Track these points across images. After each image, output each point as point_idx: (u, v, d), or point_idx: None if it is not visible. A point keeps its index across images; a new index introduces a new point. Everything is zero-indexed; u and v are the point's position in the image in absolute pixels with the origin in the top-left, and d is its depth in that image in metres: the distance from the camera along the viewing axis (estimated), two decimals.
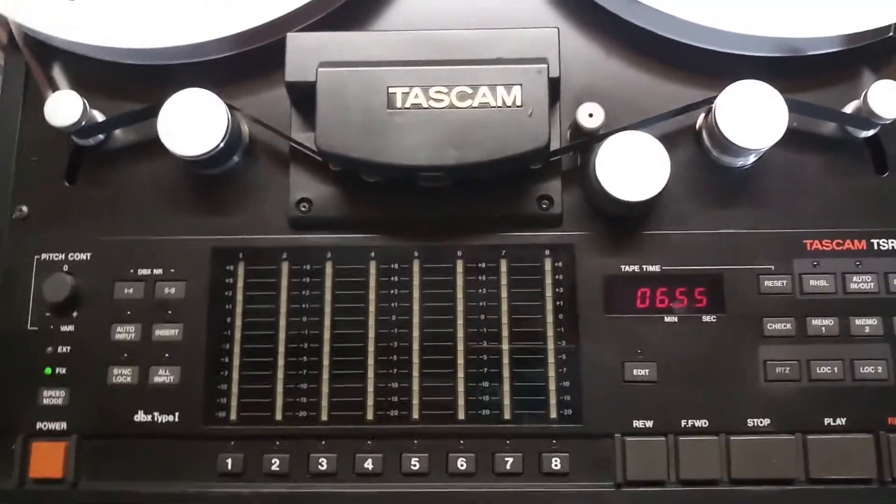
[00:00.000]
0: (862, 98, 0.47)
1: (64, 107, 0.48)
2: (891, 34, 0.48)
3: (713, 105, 0.46)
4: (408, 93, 0.45)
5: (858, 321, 0.46)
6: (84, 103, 0.48)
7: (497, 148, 0.44)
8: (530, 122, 0.44)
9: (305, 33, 0.48)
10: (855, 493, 0.45)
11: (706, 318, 0.46)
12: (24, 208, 0.50)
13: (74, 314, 0.48)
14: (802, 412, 0.45)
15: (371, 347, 0.47)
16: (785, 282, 0.47)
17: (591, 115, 0.46)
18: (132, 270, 0.48)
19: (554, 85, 0.46)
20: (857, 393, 0.45)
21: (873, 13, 0.47)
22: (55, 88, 0.50)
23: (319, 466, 0.46)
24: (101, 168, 0.50)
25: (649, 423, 0.45)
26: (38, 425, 0.47)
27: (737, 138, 0.45)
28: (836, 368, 0.46)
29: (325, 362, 0.47)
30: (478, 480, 0.46)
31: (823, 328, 0.46)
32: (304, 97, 0.46)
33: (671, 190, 0.47)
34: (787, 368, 0.46)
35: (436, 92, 0.45)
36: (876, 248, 0.47)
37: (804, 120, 0.48)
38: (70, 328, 0.48)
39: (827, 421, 0.45)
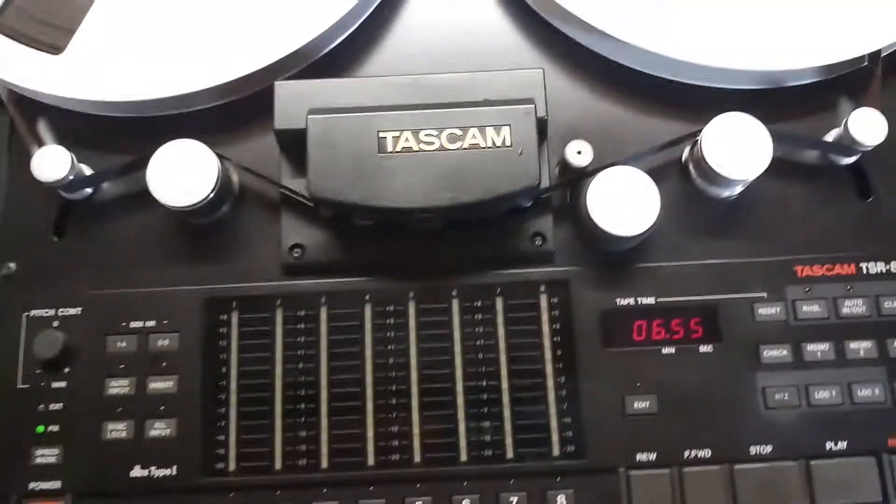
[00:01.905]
0: (843, 126, 0.50)
1: (51, 161, 0.49)
2: (865, 63, 0.51)
3: (699, 138, 0.49)
4: (398, 136, 0.47)
5: (853, 345, 0.48)
6: (72, 158, 0.49)
7: (489, 187, 0.46)
8: (520, 161, 0.47)
9: (293, 81, 0.50)
10: None
11: (703, 349, 0.49)
12: (12, 265, 0.51)
13: (66, 370, 0.49)
14: (804, 437, 0.47)
15: (369, 391, 0.48)
16: (778, 309, 0.49)
17: (579, 153, 0.49)
18: (124, 323, 0.50)
19: (542, 124, 0.48)
20: (856, 416, 0.48)
21: (848, 44, 0.50)
22: (41, 144, 0.52)
23: None
24: (90, 222, 0.52)
25: (652, 456, 0.47)
26: (32, 485, 0.47)
27: (723, 169, 0.48)
28: (834, 392, 0.48)
29: (324, 408, 0.48)
30: None
31: (819, 353, 0.48)
32: (293, 144, 0.49)
33: (661, 223, 0.50)
34: (786, 394, 0.48)
35: (426, 135, 0.47)
36: (865, 271, 0.50)
37: (787, 150, 0.51)
38: (62, 384, 0.49)
39: (829, 445, 0.47)
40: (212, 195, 0.48)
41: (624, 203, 0.47)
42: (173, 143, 0.48)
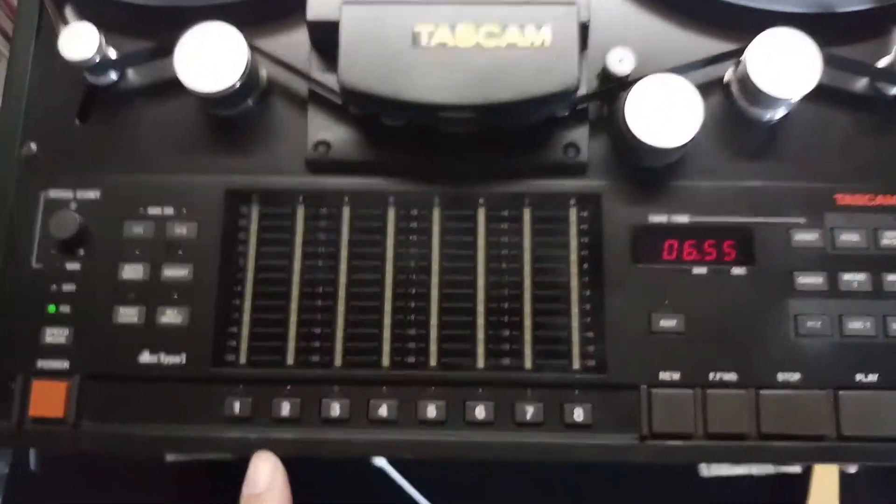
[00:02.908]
0: (894, 53, 0.48)
1: (79, 39, 0.49)
2: None
3: (745, 55, 0.47)
4: (433, 31, 0.46)
5: (891, 277, 0.47)
6: (100, 37, 0.49)
7: (524, 88, 0.45)
8: (559, 63, 0.45)
9: None
10: (889, 451, 0.45)
11: (735, 271, 0.47)
12: (33, 146, 0.50)
13: (81, 252, 0.48)
14: (834, 367, 0.46)
15: (388, 293, 0.48)
16: (816, 236, 0.48)
17: (620, 60, 0.48)
18: (142, 209, 0.49)
19: (583, 30, 0.47)
20: (889, 349, 0.46)
21: None
22: None
23: (332, 412, 0.46)
24: (114, 108, 0.51)
25: (676, 376, 0.46)
26: (40, 364, 0.47)
27: (768, 87, 0.47)
28: (868, 324, 0.47)
29: (340, 307, 0.47)
30: (496, 430, 0.46)
31: (855, 283, 0.47)
32: (325, 38, 0.48)
33: (700, 142, 0.49)
34: (819, 323, 0.47)
35: (462, 30, 0.46)
36: None
37: (834, 76, 0.50)
38: (76, 266, 0.48)
39: (859, 377, 0.46)
40: (238, 83, 0.48)
41: (664, 113, 0.46)
42: (204, 25, 0.48)
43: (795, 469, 0.65)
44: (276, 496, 0.43)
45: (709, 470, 0.65)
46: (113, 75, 0.51)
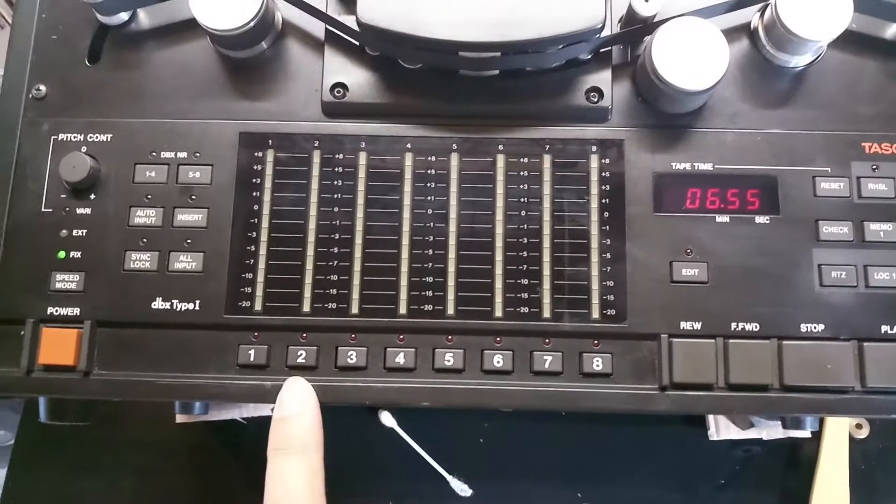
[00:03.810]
0: None
1: None
2: None
3: None
4: None
5: None
6: None
7: (549, 25, 0.43)
8: (584, 1, 0.43)
9: None
10: None
11: (759, 220, 0.45)
12: (43, 88, 0.48)
13: (92, 197, 0.47)
14: (859, 319, 0.45)
15: (405, 241, 0.46)
16: (842, 185, 0.46)
17: (647, 1, 0.45)
18: (154, 153, 0.47)
19: None
20: None
21: None
22: None
23: (348, 360, 0.45)
24: (125, 49, 0.49)
25: (697, 325, 0.44)
26: (50, 310, 0.45)
27: (798, 27, 0.44)
28: (894, 275, 0.45)
29: (357, 254, 0.46)
30: (514, 379, 0.45)
31: (882, 233, 0.45)
32: None
33: (725, 89, 0.47)
34: (843, 273, 0.45)
35: None
36: None
37: (862, 23, 0.47)
38: (86, 211, 0.46)
39: (884, 329, 0.44)
40: (253, 22, 0.46)
41: (691, 55, 0.44)
42: None
43: (805, 433, 0.63)
44: (307, 420, 0.42)
45: (718, 434, 0.63)
46: (124, 15, 0.49)
